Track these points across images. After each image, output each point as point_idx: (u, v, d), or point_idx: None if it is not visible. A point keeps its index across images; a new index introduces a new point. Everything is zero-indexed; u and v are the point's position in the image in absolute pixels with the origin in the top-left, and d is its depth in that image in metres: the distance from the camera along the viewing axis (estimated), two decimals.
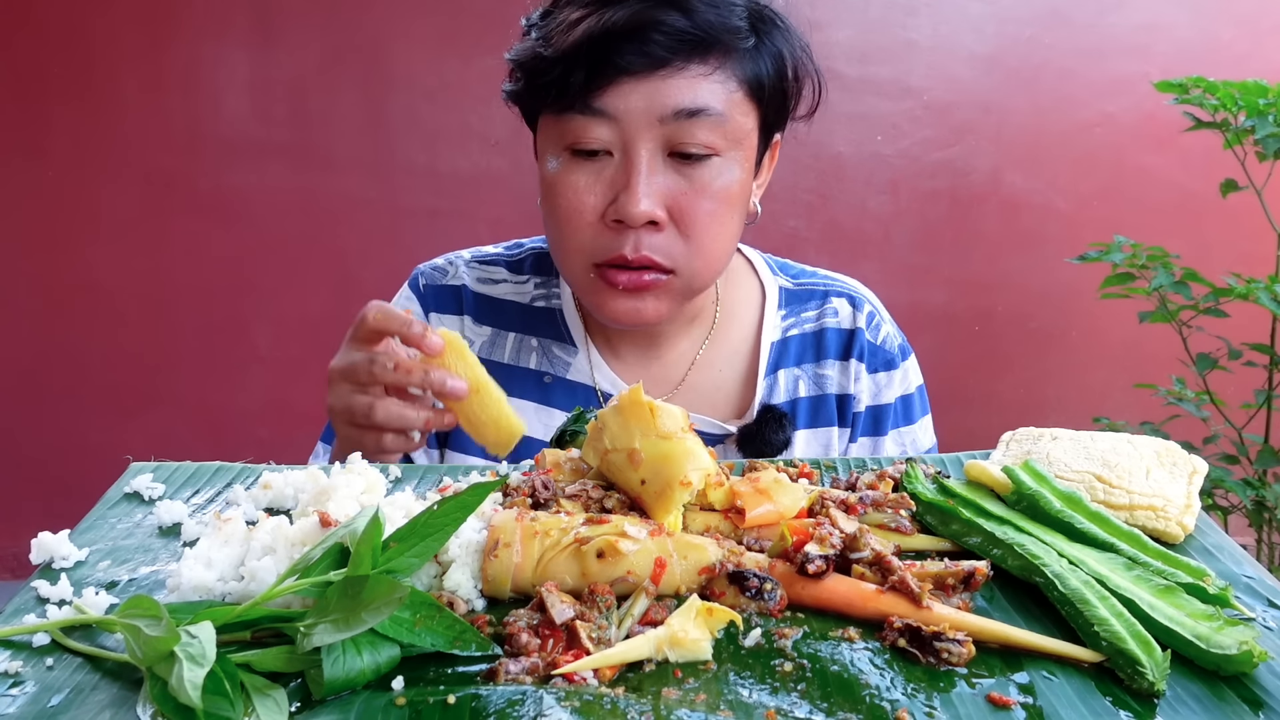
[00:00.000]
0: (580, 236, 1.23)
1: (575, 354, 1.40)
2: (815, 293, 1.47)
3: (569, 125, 1.20)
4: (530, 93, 1.24)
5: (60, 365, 3.56)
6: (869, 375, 1.43)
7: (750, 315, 1.45)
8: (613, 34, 1.16)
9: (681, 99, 1.17)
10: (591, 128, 1.18)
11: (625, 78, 1.16)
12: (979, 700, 0.64)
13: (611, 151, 1.20)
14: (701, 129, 1.18)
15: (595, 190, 1.21)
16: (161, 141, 3.43)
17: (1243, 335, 2.71)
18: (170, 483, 0.95)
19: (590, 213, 1.21)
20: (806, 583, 0.74)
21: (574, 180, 1.21)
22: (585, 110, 1.18)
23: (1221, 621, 0.69)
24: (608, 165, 1.20)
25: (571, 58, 1.17)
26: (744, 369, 1.42)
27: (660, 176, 1.19)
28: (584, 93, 1.17)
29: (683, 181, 1.20)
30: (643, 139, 1.18)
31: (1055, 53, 3.45)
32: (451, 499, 0.73)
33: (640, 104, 1.17)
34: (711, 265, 1.27)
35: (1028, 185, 3.54)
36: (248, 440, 3.55)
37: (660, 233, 1.21)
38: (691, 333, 1.42)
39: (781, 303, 1.46)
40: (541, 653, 0.67)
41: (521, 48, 1.27)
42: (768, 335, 1.43)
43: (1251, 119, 2.49)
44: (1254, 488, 2.58)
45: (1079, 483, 0.87)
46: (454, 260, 1.48)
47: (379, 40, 3.40)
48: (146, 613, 0.65)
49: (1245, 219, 2.83)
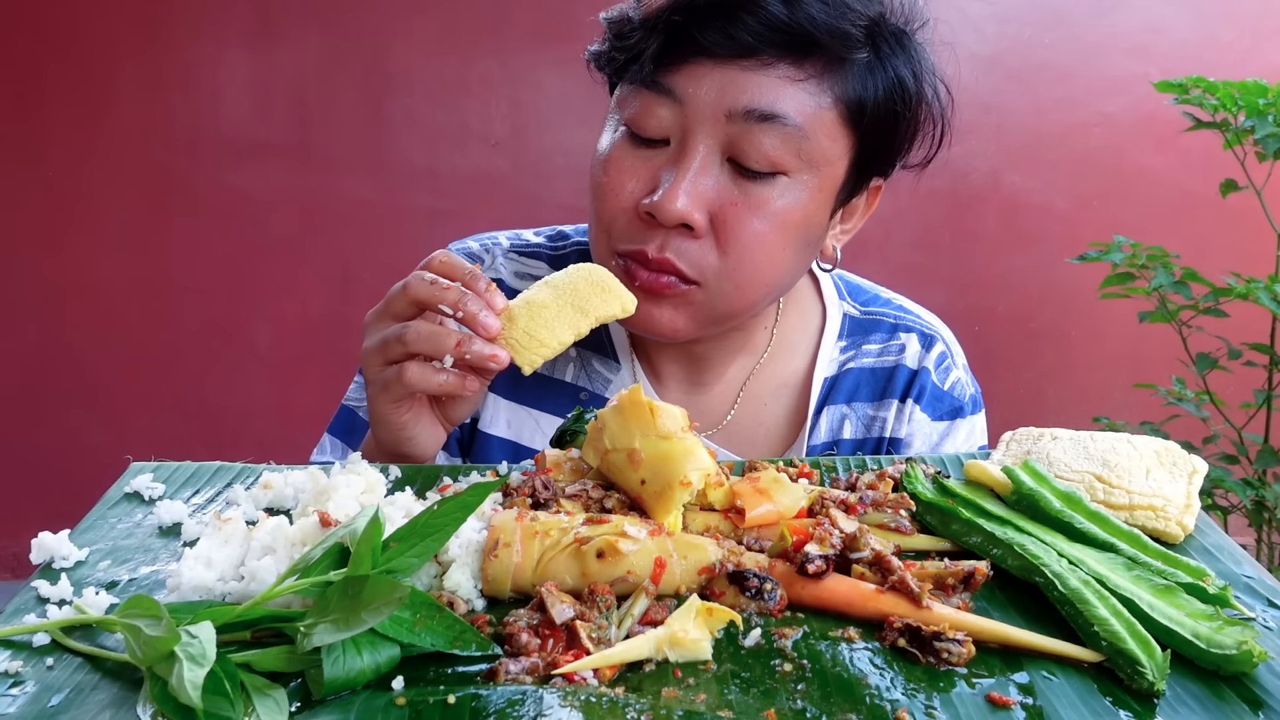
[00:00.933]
0: (612, 218, 1.12)
1: (617, 371, 1.28)
2: (883, 324, 1.32)
3: (634, 100, 1.09)
4: (608, 57, 1.14)
5: (60, 365, 3.56)
6: (930, 422, 1.27)
7: (806, 344, 1.31)
8: (699, 6, 1.04)
9: (756, 98, 1.04)
10: (655, 107, 1.07)
11: (702, 59, 1.05)
12: (979, 700, 0.64)
13: (669, 140, 1.09)
14: (770, 138, 1.05)
15: (640, 175, 1.10)
16: (162, 141, 3.43)
17: (1243, 335, 2.71)
18: (170, 483, 0.95)
19: (628, 197, 1.10)
20: (806, 583, 0.74)
21: (621, 159, 1.11)
22: (652, 85, 1.07)
23: (1221, 621, 0.69)
24: (660, 155, 1.09)
25: (653, 25, 1.06)
26: (792, 404, 1.29)
27: (711, 178, 1.07)
28: (655, 66, 1.06)
29: (735, 191, 1.07)
30: (703, 131, 1.06)
31: (1055, 53, 3.45)
32: (451, 499, 0.73)
33: (711, 92, 1.04)
34: (746, 293, 1.12)
35: (1027, 185, 3.54)
36: (248, 440, 3.55)
37: (694, 240, 1.08)
38: (741, 361, 1.29)
39: (843, 332, 1.31)
40: (541, 653, 0.67)
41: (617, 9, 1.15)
42: (821, 369, 1.28)
43: (1251, 119, 2.50)
44: (1254, 488, 2.58)
45: (1079, 483, 0.87)
46: (490, 246, 1.34)
47: (379, 40, 3.41)
48: (147, 612, 0.65)
49: (1245, 219, 2.83)
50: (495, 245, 1.34)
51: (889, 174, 1.19)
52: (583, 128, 3.48)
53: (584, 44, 1.21)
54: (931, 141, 1.17)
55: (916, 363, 1.28)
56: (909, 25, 1.13)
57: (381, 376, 1.02)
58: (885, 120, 1.11)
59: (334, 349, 3.42)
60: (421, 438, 1.07)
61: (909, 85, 1.11)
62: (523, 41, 3.38)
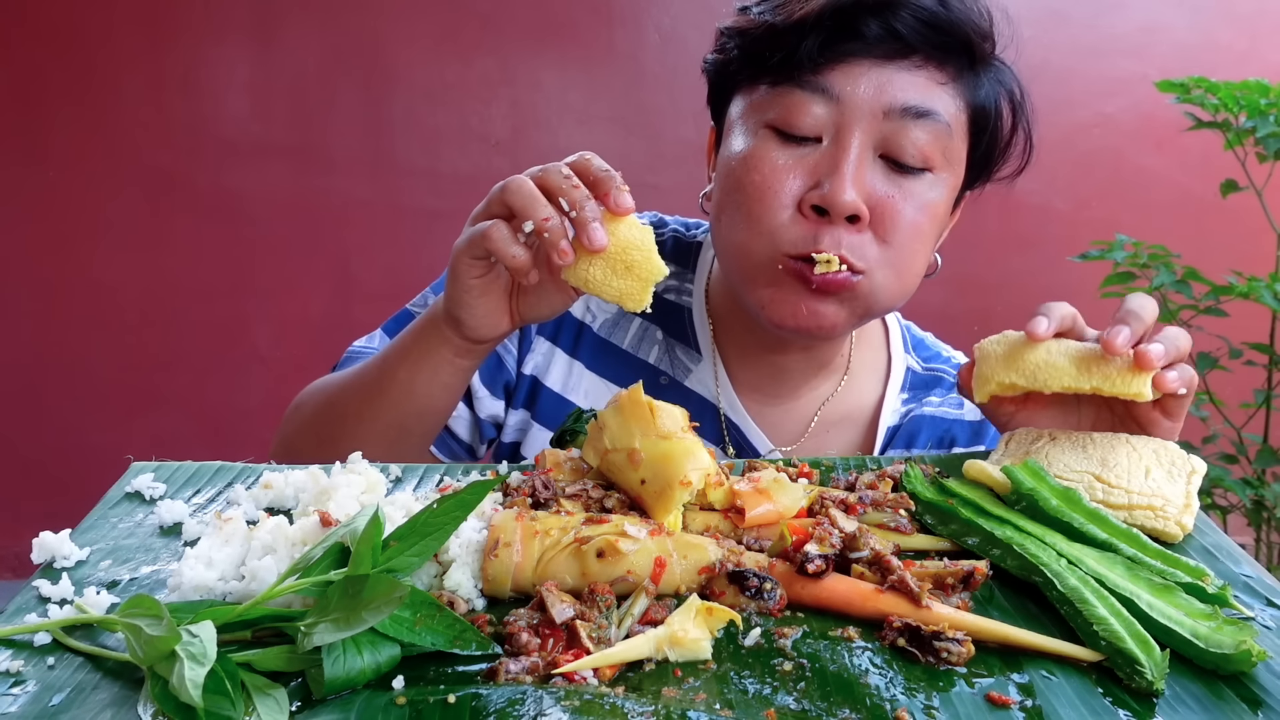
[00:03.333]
0: (773, 219, 1.11)
1: (699, 362, 1.30)
2: (944, 381, 1.36)
3: (782, 99, 1.11)
4: (747, 61, 1.14)
5: (61, 365, 3.56)
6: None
7: (874, 385, 1.35)
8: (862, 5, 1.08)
9: (913, 96, 1.09)
10: (809, 105, 1.09)
11: (861, 59, 1.08)
12: (978, 699, 0.64)
13: (821, 138, 1.10)
14: (924, 133, 1.09)
15: (797, 173, 1.10)
16: (162, 142, 3.43)
17: (1243, 335, 2.71)
18: (171, 483, 0.95)
19: (788, 195, 1.10)
20: (806, 582, 0.74)
21: (773, 157, 1.11)
22: (807, 85, 1.09)
23: (1220, 621, 0.69)
24: (813, 152, 1.10)
25: (809, 25, 1.08)
26: (855, 440, 1.32)
27: (868, 173, 1.10)
28: (812, 65, 1.08)
29: (890, 185, 1.11)
30: (860, 128, 1.09)
31: (1055, 53, 3.45)
32: (451, 497, 0.73)
33: (869, 91, 1.08)
34: (901, 282, 1.15)
35: (1027, 185, 3.52)
36: (248, 440, 3.55)
37: (859, 233, 1.10)
38: (816, 381, 1.32)
39: (905, 385, 1.35)
40: (541, 652, 0.67)
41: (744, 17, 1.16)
42: (885, 418, 1.32)
43: (1252, 119, 2.50)
44: (1253, 487, 2.58)
45: (1078, 483, 0.87)
46: None
47: (379, 40, 3.41)
48: (147, 612, 0.65)
49: (1245, 219, 2.83)
50: None
51: (980, 186, 1.25)
52: (583, 128, 3.48)
53: (584, 44, 1.21)
54: (1021, 155, 1.23)
55: (978, 415, 1.31)
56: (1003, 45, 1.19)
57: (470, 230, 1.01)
58: (996, 131, 1.18)
59: (334, 349, 3.41)
60: (482, 309, 1.04)
61: (1017, 96, 1.19)
62: (523, 41, 3.38)
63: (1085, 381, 0.89)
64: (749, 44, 1.14)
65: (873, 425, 1.33)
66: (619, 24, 3.39)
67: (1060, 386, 0.91)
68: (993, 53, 1.17)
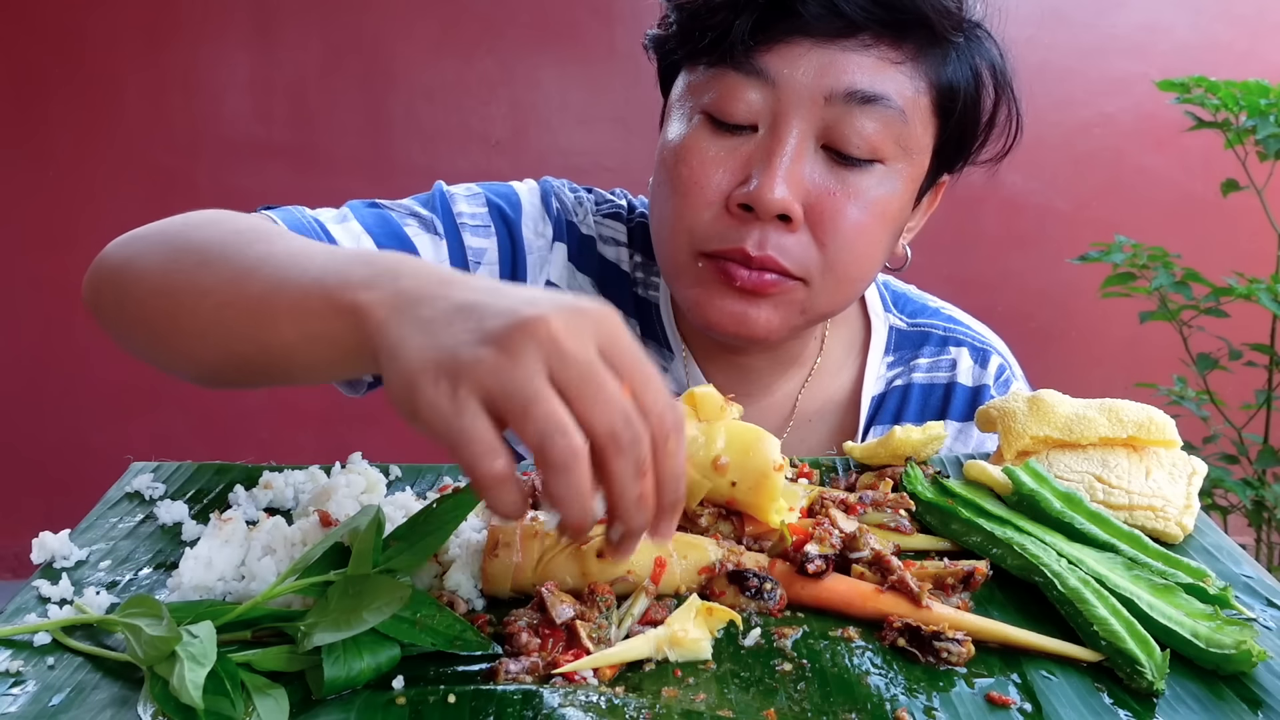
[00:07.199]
0: (696, 215, 1.01)
1: (671, 361, 1.19)
2: (932, 337, 1.24)
3: (717, 83, 1.00)
4: (683, 37, 1.03)
5: (60, 365, 3.56)
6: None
7: (852, 359, 1.23)
8: None
9: (859, 79, 0.96)
10: (743, 90, 0.98)
11: (801, 38, 0.97)
12: (978, 699, 0.64)
13: (757, 126, 1.00)
14: (871, 122, 0.97)
15: (727, 166, 1.00)
16: (162, 142, 3.43)
17: (1243, 335, 2.71)
18: (170, 483, 0.95)
19: (714, 190, 1.00)
20: (806, 582, 0.74)
21: (703, 148, 1.00)
22: (742, 66, 0.98)
23: (1220, 621, 0.69)
24: (747, 142, 1.00)
25: (744, 2, 0.97)
26: (838, 424, 1.22)
27: (807, 166, 0.99)
28: (748, 45, 0.97)
29: (831, 180, 0.99)
30: (798, 116, 0.97)
31: (1055, 53, 3.44)
32: (451, 496, 0.73)
33: (809, 74, 0.96)
34: (844, 288, 1.05)
35: (1028, 185, 3.54)
36: (248, 440, 3.55)
37: (791, 233, 0.99)
38: (790, 376, 1.21)
39: (889, 347, 1.23)
40: (541, 652, 0.67)
41: None
42: (869, 388, 1.20)
43: (1253, 119, 2.50)
44: (1253, 488, 2.58)
45: (1078, 483, 0.87)
46: (582, 199, 1.20)
47: (379, 40, 3.41)
48: (147, 612, 0.65)
49: (1245, 219, 2.83)
50: (585, 197, 1.20)
51: (959, 170, 1.13)
52: (583, 128, 3.48)
53: (584, 44, 1.20)
54: (1006, 136, 1.10)
55: (973, 380, 1.21)
56: (984, 13, 1.07)
57: (452, 422, 0.58)
58: (971, 110, 1.05)
59: None
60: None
61: (998, 72, 1.06)
62: (523, 41, 3.38)
63: (1121, 430, 0.89)
64: (685, 19, 1.03)
65: (854, 401, 1.22)
66: (619, 24, 3.38)
67: (1096, 437, 0.90)
68: (962, 25, 1.03)
